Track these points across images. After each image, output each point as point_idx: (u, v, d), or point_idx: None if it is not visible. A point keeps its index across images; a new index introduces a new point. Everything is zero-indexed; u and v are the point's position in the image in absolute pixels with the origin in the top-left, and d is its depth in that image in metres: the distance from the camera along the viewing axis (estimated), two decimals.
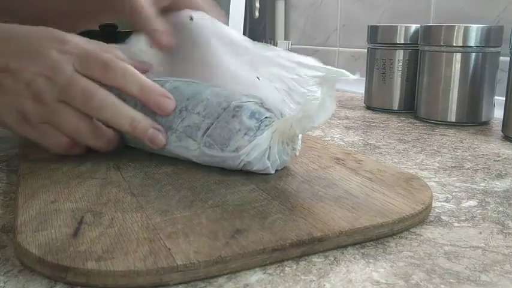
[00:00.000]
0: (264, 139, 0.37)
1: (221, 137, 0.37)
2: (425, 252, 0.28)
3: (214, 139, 0.38)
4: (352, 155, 0.44)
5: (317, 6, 1.21)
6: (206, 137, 0.38)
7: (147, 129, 0.39)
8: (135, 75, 0.40)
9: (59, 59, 0.39)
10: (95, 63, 0.39)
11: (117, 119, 0.39)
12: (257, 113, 0.37)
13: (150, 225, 0.28)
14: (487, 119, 0.65)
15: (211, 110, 0.38)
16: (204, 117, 0.38)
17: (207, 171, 0.39)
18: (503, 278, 0.25)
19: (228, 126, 0.37)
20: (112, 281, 0.24)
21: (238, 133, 0.37)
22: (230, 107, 0.38)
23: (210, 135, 0.38)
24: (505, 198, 0.37)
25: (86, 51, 0.40)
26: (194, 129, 0.39)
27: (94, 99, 0.38)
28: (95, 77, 0.39)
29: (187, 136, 0.39)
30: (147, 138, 0.40)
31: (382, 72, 0.74)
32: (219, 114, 0.38)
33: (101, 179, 0.37)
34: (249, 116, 0.37)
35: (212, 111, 0.38)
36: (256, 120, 0.37)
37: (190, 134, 0.39)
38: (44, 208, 0.31)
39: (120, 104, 0.39)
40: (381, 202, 0.32)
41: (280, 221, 0.29)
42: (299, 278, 0.25)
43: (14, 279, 0.25)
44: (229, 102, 0.38)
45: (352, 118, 0.69)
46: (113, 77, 0.39)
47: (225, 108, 0.38)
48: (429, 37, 0.65)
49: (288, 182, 0.36)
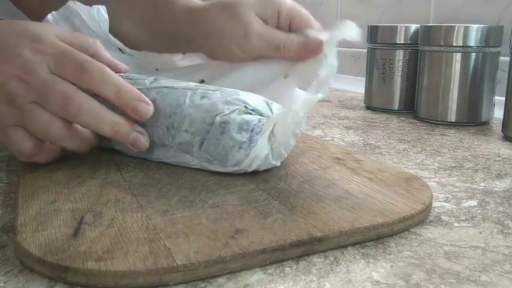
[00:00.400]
0: (259, 148, 0.36)
1: (217, 153, 0.37)
2: (425, 252, 0.28)
3: (211, 155, 0.37)
4: (352, 155, 0.44)
5: (317, 6, 1.21)
6: (203, 152, 0.38)
7: (129, 134, 0.38)
8: (111, 78, 0.37)
9: (32, 58, 0.37)
10: (71, 65, 0.37)
11: (97, 124, 0.37)
12: (244, 124, 0.36)
13: (150, 225, 0.28)
14: (487, 119, 0.65)
15: (198, 127, 0.37)
16: (193, 134, 0.38)
17: (207, 171, 0.39)
18: (503, 278, 0.25)
19: (220, 142, 0.37)
20: (112, 281, 0.24)
21: (232, 149, 0.36)
22: (216, 123, 0.37)
23: (206, 151, 0.37)
24: (505, 198, 0.37)
25: (61, 50, 0.38)
26: (188, 146, 0.38)
27: (72, 104, 0.36)
28: (70, 79, 0.37)
29: (184, 152, 0.39)
30: (129, 142, 0.38)
31: (382, 72, 0.74)
32: (207, 130, 0.37)
33: (101, 179, 0.37)
34: (237, 130, 0.36)
35: (199, 127, 0.37)
36: (246, 132, 0.36)
37: (186, 150, 0.38)
38: (44, 208, 0.31)
39: (100, 108, 0.37)
40: (381, 202, 0.32)
41: (280, 221, 0.29)
42: (299, 278, 0.25)
43: (14, 279, 0.25)
44: (213, 117, 0.37)
45: (352, 118, 0.69)
46: (88, 80, 0.37)
47: (210, 124, 0.37)
48: (429, 37, 0.65)
49: (288, 182, 0.36)
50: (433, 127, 0.63)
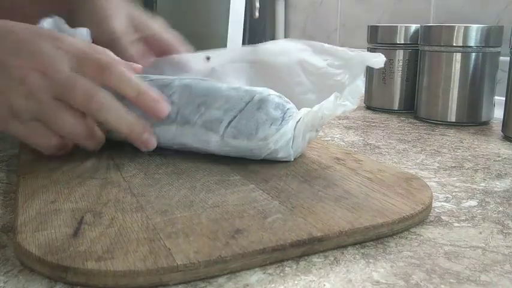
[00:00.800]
0: (289, 128, 0.39)
1: (247, 127, 0.40)
2: (425, 252, 0.28)
3: (239, 130, 0.40)
4: (352, 155, 0.44)
5: (317, 6, 1.21)
6: (230, 128, 0.40)
7: (142, 134, 0.40)
8: (131, 78, 0.39)
9: (55, 55, 0.38)
10: (92, 63, 0.39)
11: (116, 122, 0.39)
12: (280, 105, 0.40)
13: (150, 225, 0.28)
14: (487, 119, 0.65)
15: (233, 104, 0.40)
16: (225, 111, 0.40)
17: (207, 171, 0.39)
18: (503, 278, 0.25)
19: (254, 117, 0.40)
20: (112, 281, 0.24)
21: (265, 123, 0.39)
22: (254, 100, 0.40)
23: (234, 127, 0.40)
24: (505, 198, 0.37)
25: (82, 50, 0.39)
26: (215, 123, 0.40)
27: (94, 100, 0.38)
28: (91, 76, 0.38)
29: (207, 130, 0.41)
30: (140, 142, 0.41)
31: (382, 72, 0.74)
32: (242, 107, 0.40)
33: (101, 179, 0.37)
34: (274, 107, 0.40)
35: (234, 104, 0.40)
36: (280, 111, 0.40)
37: (211, 128, 0.40)
38: (44, 208, 0.31)
39: (119, 106, 0.39)
40: (381, 202, 0.32)
41: (280, 221, 0.29)
42: (299, 278, 0.25)
43: (14, 279, 0.25)
44: (251, 96, 0.41)
45: (352, 118, 0.69)
46: (110, 79, 0.39)
47: (247, 102, 0.40)
48: (429, 37, 0.65)
49: (288, 182, 0.36)
50: (433, 127, 0.63)
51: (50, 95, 0.37)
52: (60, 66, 0.38)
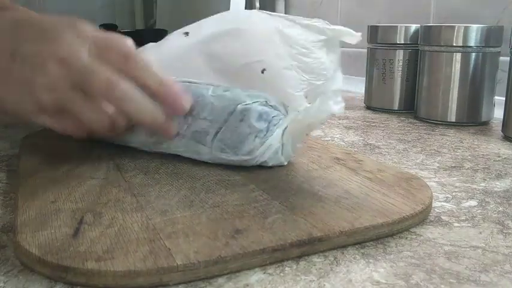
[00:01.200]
0: (275, 139, 0.38)
1: (232, 141, 0.38)
2: (425, 252, 0.28)
3: (225, 143, 0.38)
4: (352, 155, 0.44)
5: (317, 6, 1.21)
6: (217, 141, 0.39)
7: (165, 122, 0.39)
8: (154, 69, 0.38)
9: (74, 41, 0.36)
10: (115, 51, 0.37)
11: (138, 111, 0.37)
12: (264, 114, 0.38)
13: (150, 225, 0.28)
14: (487, 119, 0.65)
15: (217, 115, 0.39)
16: (211, 122, 0.39)
17: (207, 171, 0.39)
18: (503, 278, 0.25)
19: (237, 130, 0.38)
20: (112, 281, 0.24)
21: (249, 136, 0.38)
22: (236, 111, 0.38)
23: (220, 140, 0.38)
24: (505, 198, 0.37)
25: (104, 37, 0.38)
26: (203, 135, 0.39)
27: (117, 89, 0.36)
28: (113, 65, 0.36)
29: (197, 142, 0.39)
30: (163, 129, 0.39)
31: (382, 72, 0.74)
32: (226, 118, 0.38)
33: (101, 179, 0.37)
34: (257, 118, 0.38)
35: (218, 115, 0.39)
36: (264, 122, 0.38)
37: (199, 140, 0.39)
38: (44, 208, 0.31)
39: (141, 96, 0.37)
40: (381, 202, 0.32)
41: (280, 221, 0.29)
42: (299, 278, 0.25)
43: (14, 279, 0.25)
44: (234, 105, 0.38)
45: (352, 118, 0.69)
46: (133, 68, 0.37)
47: (231, 112, 0.38)
48: (429, 37, 0.65)
49: (288, 182, 0.36)
50: (433, 127, 0.63)
51: (70, 84, 0.36)
52: (80, 52, 0.36)
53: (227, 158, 0.39)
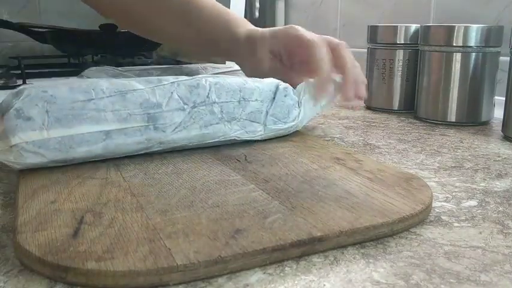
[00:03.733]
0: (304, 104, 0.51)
1: (281, 113, 0.48)
2: (425, 252, 0.28)
3: (276, 116, 0.48)
4: (352, 155, 0.44)
5: (317, 6, 1.21)
6: (270, 116, 0.48)
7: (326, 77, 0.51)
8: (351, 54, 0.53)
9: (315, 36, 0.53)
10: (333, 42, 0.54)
11: None
12: (292, 90, 0.50)
13: (150, 225, 0.28)
14: (487, 119, 0.65)
15: (265, 95, 0.47)
16: (262, 102, 0.47)
17: (207, 171, 0.39)
18: (503, 278, 0.25)
19: (284, 103, 0.49)
20: (112, 281, 0.24)
21: (293, 106, 0.49)
22: (280, 88, 0.49)
23: (272, 114, 0.48)
24: (505, 198, 0.37)
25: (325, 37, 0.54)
26: (257, 114, 0.47)
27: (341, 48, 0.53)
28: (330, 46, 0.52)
29: (251, 121, 0.46)
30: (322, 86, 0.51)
31: (382, 72, 0.74)
32: (272, 96, 0.48)
33: (101, 179, 0.37)
34: (294, 92, 0.50)
35: (266, 95, 0.48)
36: (294, 95, 0.50)
37: (254, 119, 0.47)
38: (44, 208, 0.31)
39: None
40: (381, 202, 0.32)
41: (280, 221, 0.29)
42: (299, 278, 0.25)
43: (14, 279, 0.25)
44: (276, 85, 0.49)
45: (352, 118, 0.69)
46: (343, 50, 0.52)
47: (274, 91, 0.48)
48: (429, 37, 0.65)
49: (288, 182, 0.36)
50: (433, 127, 0.63)
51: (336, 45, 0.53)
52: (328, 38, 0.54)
53: (278, 128, 0.48)
